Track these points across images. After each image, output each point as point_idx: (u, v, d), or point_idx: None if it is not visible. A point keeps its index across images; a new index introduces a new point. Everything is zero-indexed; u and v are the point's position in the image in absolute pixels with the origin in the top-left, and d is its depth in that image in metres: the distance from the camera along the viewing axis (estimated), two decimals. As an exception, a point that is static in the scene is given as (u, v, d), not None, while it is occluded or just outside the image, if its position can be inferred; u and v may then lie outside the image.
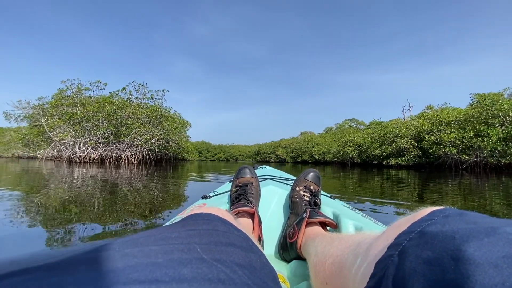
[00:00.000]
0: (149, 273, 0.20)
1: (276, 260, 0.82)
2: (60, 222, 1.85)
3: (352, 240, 0.42)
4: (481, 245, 0.19)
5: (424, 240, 0.23)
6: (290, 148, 44.88)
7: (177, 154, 29.51)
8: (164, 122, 20.40)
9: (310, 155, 39.16)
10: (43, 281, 0.17)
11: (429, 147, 16.06)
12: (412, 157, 17.67)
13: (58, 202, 2.60)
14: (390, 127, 20.89)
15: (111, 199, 2.89)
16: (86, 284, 0.18)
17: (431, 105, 24.39)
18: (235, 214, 0.79)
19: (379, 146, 20.68)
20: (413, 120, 20.51)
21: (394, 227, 0.29)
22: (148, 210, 2.32)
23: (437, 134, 15.66)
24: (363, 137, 23.44)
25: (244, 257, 0.27)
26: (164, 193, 3.38)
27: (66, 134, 16.22)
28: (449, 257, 0.20)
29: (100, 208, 2.37)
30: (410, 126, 18.85)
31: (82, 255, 0.21)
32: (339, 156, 26.10)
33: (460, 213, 0.25)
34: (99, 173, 6.98)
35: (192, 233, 0.28)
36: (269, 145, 54.67)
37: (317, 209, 0.83)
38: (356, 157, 23.44)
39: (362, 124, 46.08)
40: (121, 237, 0.26)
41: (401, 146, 18.20)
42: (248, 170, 1.04)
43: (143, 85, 21.40)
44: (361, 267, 0.31)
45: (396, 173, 9.61)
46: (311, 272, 0.50)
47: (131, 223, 1.89)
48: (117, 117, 17.37)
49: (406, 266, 0.23)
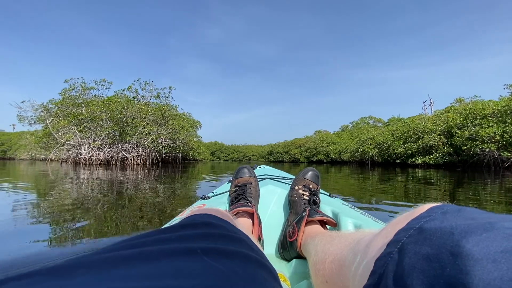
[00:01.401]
0: (149, 275, 0.20)
1: (276, 259, 0.82)
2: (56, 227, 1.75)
3: (351, 238, 0.42)
4: (480, 241, 0.20)
5: (423, 237, 0.23)
6: (304, 147, 43.57)
7: (187, 155, 28.76)
8: (170, 121, 19.51)
9: (326, 154, 37.75)
10: (42, 285, 0.17)
11: (463, 144, 14.27)
12: (441, 155, 15.91)
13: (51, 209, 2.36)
14: (414, 122, 19.15)
15: (97, 208, 2.51)
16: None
17: (461, 98, 22.21)
18: (234, 214, 0.80)
19: (402, 143, 19.01)
20: (441, 115, 18.60)
21: (393, 224, 0.29)
22: (142, 220, 2.05)
23: (472, 128, 13.85)
24: (384, 134, 21.77)
25: (244, 257, 0.27)
26: (158, 211, 2.54)
27: (71, 135, 15.72)
28: (448, 253, 0.20)
29: (95, 215, 2.17)
30: (438, 121, 17.06)
31: (82, 258, 0.21)
32: (357, 155, 24.56)
33: (458, 209, 0.25)
34: (98, 176, 6.38)
35: (191, 234, 0.28)
36: (282, 144, 53.71)
37: (317, 208, 0.84)
38: (377, 156, 21.86)
39: (380, 121, 44.20)
40: (120, 239, 0.26)
41: (429, 143, 16.48)
42: (246, 170, 1.03)
43: (149, 83, 20.70)
44: (360, 265, 0.31)
45: (423, 173, 8.61)
46: (311, 270, 0.50)
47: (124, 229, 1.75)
48: (121, 116, 16.64)
49: (405, 263, 0.23)
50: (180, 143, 20.83)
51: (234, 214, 0.79)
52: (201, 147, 41.46)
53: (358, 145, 24.52)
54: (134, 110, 17.14)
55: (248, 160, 65.48)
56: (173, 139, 20.01)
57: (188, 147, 24.54)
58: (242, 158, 68.91)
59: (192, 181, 5.24)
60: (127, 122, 16.98)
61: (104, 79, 18.70)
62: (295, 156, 45.25)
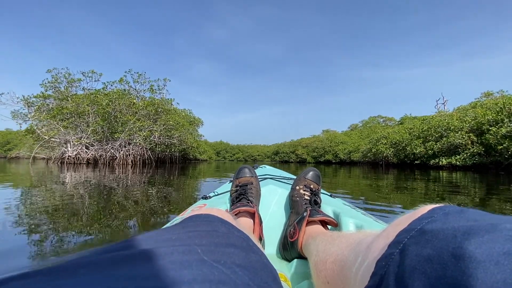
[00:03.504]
0: (149, 275, 0.20)
1: (277, 259, 0.82)
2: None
3: (352, 238, 0.42)
4: (482, 242, 0.19)
5: (424, 238, 0.23)
6: (312, 147, 41.78)
7: (187, 154, 27.11)
8: (164, 116, 17.60)
9: (334, 154, 35.87)
10: (43, 285, 0.17)
11: (497, 142, 12.27)
12: (470, 155, 13.92)
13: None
14: (435, 119, 17.17)
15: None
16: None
17: (490, 91, 20.02)
18: (235, 214, 0.79)
19: (422, 142, 17.06)
20: (466, 110, 16.56)
21: (394, 225, 0.29)
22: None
23: (510, 125, 11.85)
24: (400, 132, 19.82)
25: (244, 258, 0.27)
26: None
27: (55, 131, 14.23)
28: (450, 255, 0.20)
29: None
30: (464, 118, 15.05)
31: (82, 259, 0.21)
32: (370, 156, 22.62)
33: (460, 210, 0.25)
34: (72, 180, 5.12)
35: (192, 235, 0.28)
36: (288, 144, 52.22)
37: (318, 208, 0.83)
38: (392, 156, 19.91)
39: (391, 120, 42.09)
40: (121, 239, 0.26)
41: (455, 142, 14.49)
42: (247, 169, 1.03)
43: (141, 74, 18.88)
44: (362, 266, 0.30)
45: (448, 176, 7.58)
46: (312, 271, 0.50)
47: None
48: (109, 110, 14.94)
49: (406, 264, 0.23)
50: (175, 141, 18.99)
51: (235, 214, 0.79)
52: (203, 146, 39.93)
53: (371, 144, 22.62)
54: (123, 104, 15.42)
55: (253, 160, 64.78)
56: (167, 136, 18.24)
57: (187, 145, 22.68)
58: (248, 158, 68.18)
59: (186, 188, 4.07)
60: (115, 117, 15.26)
61: (93, 70, 17.02)
62: (302, 156, 43.45)
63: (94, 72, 17.15)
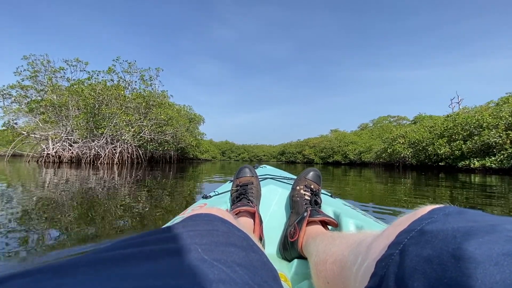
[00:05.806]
0: (149, 274, 0.20)
1: (277, 259, 0.82)
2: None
3: (353, 239, 0.42)
4: (482, 243, 0.19)
5: (424, 239, 0.23)
6: (319, 147, 39.79)
7: (187, 153, 25.44)
8: (154, 110, 15.71)
9: (344, 155, 33.77)
10: (44, 284, 0.17)
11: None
12: (508, 156, 11.86)
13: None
14: (461, 116, 15.11)
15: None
16: (88, 286, 0.17)
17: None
18: (235, 214, 0.79)
19: (447, 142, 15.03)
20: (501, 105, 14.43)
21: (395, 225, 0.29)
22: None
23: None
24: (419, 131, 17.79)
25: (245, 257, 0.27)
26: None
27: (32, 126, 12.75)
28: (450, 255, 0.20)
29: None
30: (499, 113, 12.98)
31: (83, 257, 0.21)
32: (385, 156, 20.58)
33: (460, 211, 0.25)
34: (38, 181, 4.20)
35: (192, 234, 0.28)
36: (295, 144, 50.39)
37: (318, 208, 0.83)
38: (410, 157, 17.89)
39: (404, 119, 39.75)
40: (122, 238, 0.26)
41: (489, 141, 12.44)
42: (248, 169, 1.03)
43: (131, 63, 16.95)
44: (362, 266, 0.30)
45: (481, 180, 6.53)
46: (313, 271, 0.50)
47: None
48: (93, 102, 13.35)
49: (407, 265, 0.23)
50: (169, 138, 17.23)
51: (236, 214, 0.79)
52: (206, 145, 38.28)
53: (386, 144, 20.60)
54: (110, 95, 13.81)
55: (259, 160, 63.41)
56: (159, 132, 16.51)
57: (186, 144, 20.94)
58: (253, 158, 66.91)
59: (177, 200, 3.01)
60: (99, 110, 13.66)
61: (77, 58, 15.23)
62: (309, 157, 41.48)
63: (79, 60, 15.45)
